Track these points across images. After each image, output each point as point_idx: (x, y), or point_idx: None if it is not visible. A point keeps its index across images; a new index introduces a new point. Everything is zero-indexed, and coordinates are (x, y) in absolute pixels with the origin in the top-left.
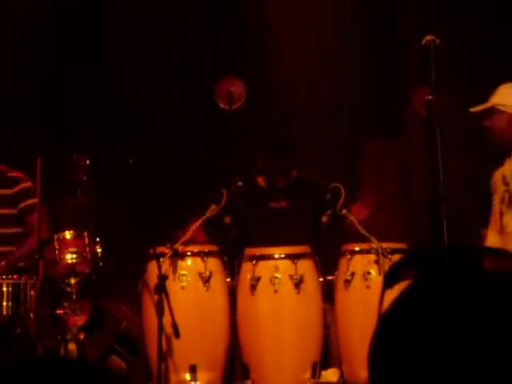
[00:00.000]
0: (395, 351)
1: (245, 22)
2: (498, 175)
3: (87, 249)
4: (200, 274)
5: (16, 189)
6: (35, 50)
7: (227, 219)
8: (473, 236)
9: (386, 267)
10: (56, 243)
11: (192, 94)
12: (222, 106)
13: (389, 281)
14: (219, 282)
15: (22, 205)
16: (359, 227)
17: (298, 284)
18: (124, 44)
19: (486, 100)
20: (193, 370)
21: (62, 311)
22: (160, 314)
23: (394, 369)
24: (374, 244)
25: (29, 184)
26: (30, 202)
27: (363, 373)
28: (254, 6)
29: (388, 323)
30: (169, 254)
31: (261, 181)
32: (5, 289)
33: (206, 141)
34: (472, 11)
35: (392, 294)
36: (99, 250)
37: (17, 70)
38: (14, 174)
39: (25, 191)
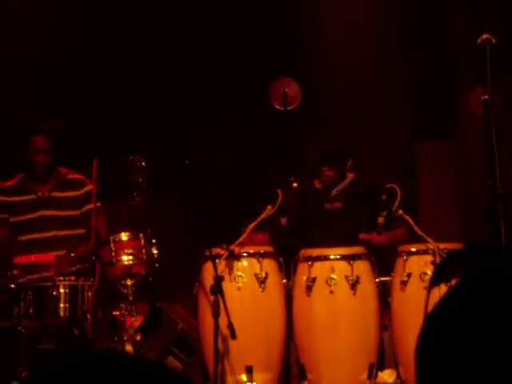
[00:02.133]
0: (441, 350)
1: (299, 24)
2: None
3: (143, 250)
4: (256, 274)
5: (83, 191)
6: (71, 51)
7: (283, 220)
8: None
9: None
10: (112, 245)
11: (249, 94)
12: (277, 107)
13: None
14: (275, 282)
15: (87, 207)
16: (416, 228)
17: (354, 285)
18: (177, 45)
19: None
20: (249, 370)
21: (118, 313)
22: (216, 315)
23: (440, 368)
24: (431, 244)
25: (91, 186)
26: (96, 204)
27: None
28: (306, 8)
29: (434, 322)
30: (225, 255)
31: (317, 183)
32: (62, 290)
33: (263, 141)
34: None
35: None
36: (155, 252)
37: (74, 72)
38: (75, 176)
39: (90, 194)
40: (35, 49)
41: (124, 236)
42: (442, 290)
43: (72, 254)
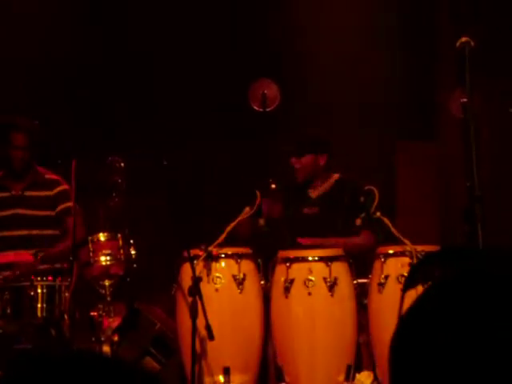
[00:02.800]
0: (415, 352)
1: (279, 24)
2: None
3: (121, 251)
4: (234, 276)
5: (55, 191)
6: (71, 51)
7: (261, 221)
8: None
9: None
10: (90, 245)
11: (226, 94)
12: (256, 108)
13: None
14: (253, 284)
15: (60, 207)
16: (394, 230)
17: (332, 286)
18: (158, 47)
19: None
20: (226, 372)
21: (96, 313)
22: (194, 316)
23: (414, 370)
24: (409, 247)
25: (66, 187)
26: (67, 204)
27: None
28: (286, 7)
29: (408, 323)
30: (203, 257)
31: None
32: (39, 291)
33: (241, 142)
34: (507, 12)
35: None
36: (133, 252)
37: (53, 74)
38: (52, 176)
39: (63, 193)
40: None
41: (102, 236)
42: (418, 291)
43: (39, 255)
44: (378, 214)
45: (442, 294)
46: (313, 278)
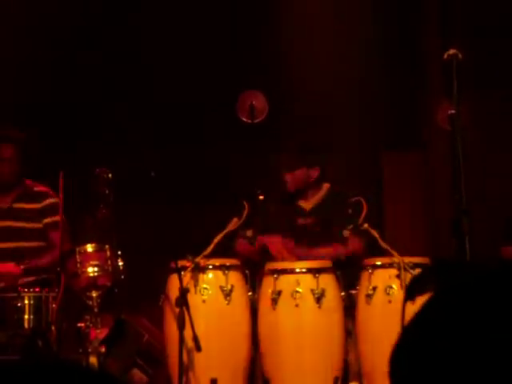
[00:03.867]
0: (416, 364)
1: (265, 34)
2: None
3: (109, 262)
4: (221, 287)
5: (43, 204)
6: (59, 61)
7: (248, 232)
8: (496, 252)
9: (408, 281)
10: (78, 256)
11: (215, 105)
12: (244, 119)
13: (410, 293)
14: (240, 295)
15: (47, 220)
16: (381, 241)
17: (320, 298)
18: (144, 53)
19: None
20: (214, 383)
21: (83, 324)
22: (181, 327)
23: (415, 382)
24: (396, 258)
25: (55, 200)
26: (55, 218)
27: None
28: (273, 19)
29: (410, 336)
30: (190, 268)
31: (294, 196)
32: (27, 302)
33: (229, 152)
34: (495, 24)
35: (414, 307)
36: (121, 264)
37: (40, 83)
38: (41, 188)
39: (51, 207)
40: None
41: (90, 247)
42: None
43: (21, 267)
44: (366, 225)
45: (444, 306)
46: (300, 290)
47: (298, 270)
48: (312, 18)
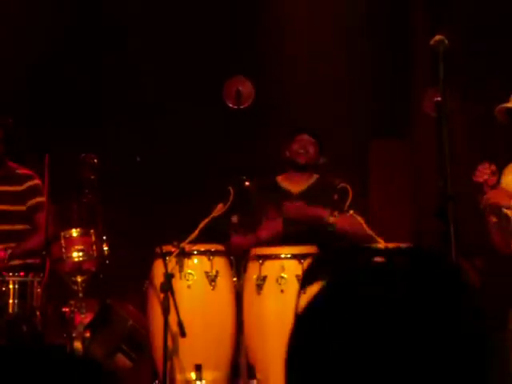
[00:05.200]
0: (311, 352)
1: (255, 21)
2: (510, 170)
3: (94, 247)
4: (206, 272)
5: (25, 186)
6: (44, 48)
7: (234, 218)
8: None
9: None
10: (63, 241)
11: (201, 92)
12: (230, 105)
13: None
14: (225, 281)
15: (30, 202)
16: (367, 228)
17: None
18: (135, 43)
19: (499, 99)
20: (198, 369)
21: (68, 309)
22: (166, 312)
23: (311, 370)
24: (381, 245)
25: (38, 181)
26: (38, 199)
27: None
28: (262, 5)
29: (303, 323)
30: (175, 253)
31: (281, 180)
32: (11, 286)
33: (216, 139)
34: (482, 11)
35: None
36: (106, 249)
37: (26, 69)
38: (24, 171)
39: (34, 188)
40: None
41: (75, 232)
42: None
43: (9, 251)
44: (352, 211)
45: (337, 292)
46: (285, 276)
47: (283, 256)
48: (303, 5)
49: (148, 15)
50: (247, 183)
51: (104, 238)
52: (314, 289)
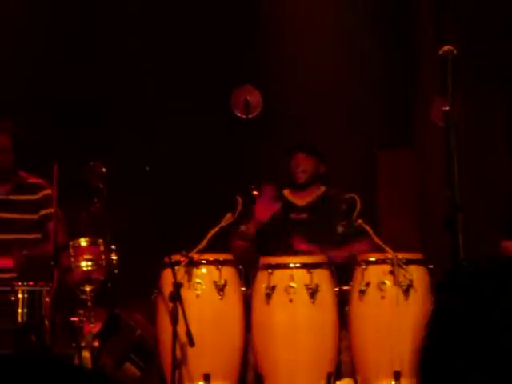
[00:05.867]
0: (445, 360)
1: (261, 30)
2: None
3: (102, 256)
4: (215, 282)
5: (39, 195)
6: (44, 47)
7: (243, 227)
8: (492, 247)
9: (401, 278)
10: (71, 250)
11: (209, 101)
12: (238, 114)
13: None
14: (234, 290)
15: (43, 212)
16: (375, 237)
17: (314, 293)
18: (140, 50)
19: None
20: (207, 378)
21: (76, 319)
22: (174, 322)
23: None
24: (390, 254)
25: (50, 191)
26: (51, 210)
27: (377, 383)
28: (271, 14)
29: (437, 334)
30: (184, 263)
31: (288, 194)
32: (20, 295)
33: (224, 148)
34: (488, 20)
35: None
36: (114, 258)
37: (34, 77)
38: (35, 180)
39: (47, 198)
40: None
41: (83, 242)
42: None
43: (24, 252)
44: (360, 221)
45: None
46: (294, 285)
47: (292, 265)
48: (310, 13)
49: (148, 15)
50: (255, 192)
51: (113, 247)
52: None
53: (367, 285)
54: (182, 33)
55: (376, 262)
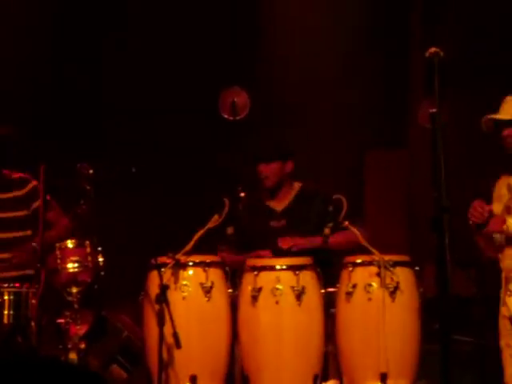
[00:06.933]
0: None
1: (250, 29)
2: (502, 183)
3: (89, 258)
4: (201, 284)
5: (26, 189)
6: (39, 57)
7: (229, 230)
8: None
9: (388, 280)
10: (58, 252)
11: (195, 103)
12: (226, 116)
13: None
14: (220, 292)
15: (35, 204)
16: (362, 239)
17: (300, 295)
18: (126, 53)
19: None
20: (193, 380)
21: (63, 320)
22: (161, 323)
23: None
24: (376, 256)
25: (36, 182)
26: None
27: None
28: (257, 12)
29: None
30: (170, 264)
31: (265, 197)
32: (6, 297)
33: (209, 150)
34: (477, 22)
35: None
36: (101, 260)
37: (34, 77)
38: (18, 175)
39: (35, 190)
40: None
41: (70, 243)
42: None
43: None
44: (347, 223)
45: None
46: (280, 287)
47: (278, 267)
48: (296, 16)
49: (148, 16)
50: (242, 194)
51: (99, 249)
52: None
53: (354, 287)
54: (180, 34)
55: (363, 264)
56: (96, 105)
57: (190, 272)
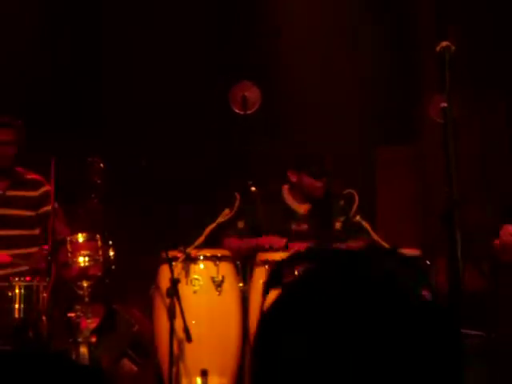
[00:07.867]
0: (276, 349)
1: (260, 25)
2: None
3: (100, 252)
4: (212, 278)
5: (40, 191)
6: (49, 53)
7: (240, 224)
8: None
9: None
10: (69, 246)
11: (207, 97)
12: (236, 110)
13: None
14: (231, 286)
15: (44, 209)
16: (373, 233)
17: None
18: (139, 46)
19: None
20: (204, 374)
21: (74, 314)
22: (172, 317)
23: (277, 366)
24: None
25: (49, 187)
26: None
27: None
28: (268, 10)
29: (269, 322)
30: (181, 258)
31: (287, 193)
32: (17, 291)
33: (221, 143)
34: (489, 17)
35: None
36: (112, 253)
37: (34, 76)
38: (33, 176)
39: (47, 195)
40: None
41: (81, 237)
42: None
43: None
44: (358, 217)
45: (300, 290)
46: None
47: None
48: (309, 10)
49: (148, 16)
50: (253, 189)
51: (110, 242)
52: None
53: None
54: (181, 33)
55: None
56: (97, 104)
57: (201, 266)
